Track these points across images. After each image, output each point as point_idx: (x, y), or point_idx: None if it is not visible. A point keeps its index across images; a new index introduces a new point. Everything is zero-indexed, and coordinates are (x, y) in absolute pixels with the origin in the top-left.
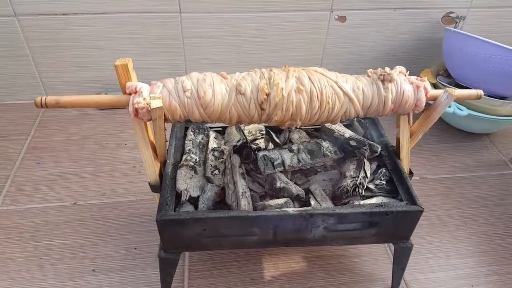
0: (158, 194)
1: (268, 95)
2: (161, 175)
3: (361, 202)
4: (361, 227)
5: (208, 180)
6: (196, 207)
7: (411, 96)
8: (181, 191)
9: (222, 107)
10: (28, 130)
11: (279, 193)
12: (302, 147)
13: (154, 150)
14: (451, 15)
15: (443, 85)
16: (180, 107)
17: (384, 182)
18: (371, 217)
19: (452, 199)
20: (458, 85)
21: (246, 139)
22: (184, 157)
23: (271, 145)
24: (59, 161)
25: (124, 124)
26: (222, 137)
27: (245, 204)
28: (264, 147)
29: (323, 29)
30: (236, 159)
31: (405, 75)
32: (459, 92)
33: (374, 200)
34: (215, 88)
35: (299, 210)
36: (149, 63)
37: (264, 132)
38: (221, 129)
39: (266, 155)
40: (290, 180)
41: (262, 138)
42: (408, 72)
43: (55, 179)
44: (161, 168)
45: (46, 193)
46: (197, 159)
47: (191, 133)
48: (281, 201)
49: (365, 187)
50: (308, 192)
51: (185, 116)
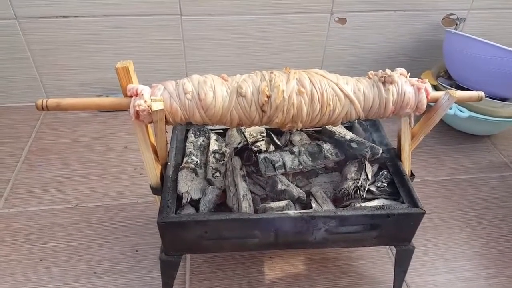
0: (159, 197)
1: (269, 97)
2: (162, 177)
3: (363, 205)
4: (362, 230)
5: (209, 182)
6: (197, 209)
7: (412, 98)
8: (182, 193)
9: (223, 109)
10: (29, 132)
11: (280, 195)
12: (303, 149)
13: (155, 152)
14: (451, 17)
15: (444, 86)
16: (181, 109)
17: (386, 184)
18: (372, 220)
19: (453, 201)
20: (459, 87)
21: (247, 141)
22: (185, 159)
23: (272, 147)
24: (60, 164)
25: (125, 126)
26: (223, 139)
27: (246, 206)
28: (265, 149)
29: (324, 31)
30: (237, 161)
31: (406, 77)
32: (460, 94)
33: (375, 203)
34: (216, 90)
35: (300, 213)
36: (150, 65)
37: (265, 134)
38: (222, 131)
39: (267, 157)
40: (291, 183)
41: (263, 140)
42: (409, 74)
43: (56, 181)
44: (162, 170)
45: (47, 195)
46: (198, 162)
47: (192, 135)
48: (282, 203)
49: (366, 189)
50: (309, 194)
51: (186, 118)
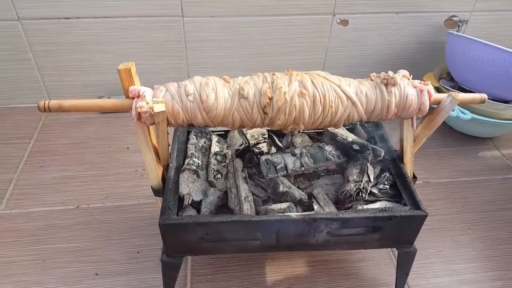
0: (161, 198)
1: (271, 99)
2: (163, 179)
3: (365, 207)
4: (364, 232)
5: (211, 184)
6: (198, 211)
7: (415, 100)
8: (183, 195)
9: (224, 111)
10: (31, 133)
11: (281, 197)
12: (305, 151)
13: (157, 154)
14: (453, 18)
15: (446, 88)
16: (183, 111)
17: (388, 187)
18: (374, 222)
19: (455, 203)
20: (461, 89)
21: (248, 143)
22: (187, 161)
23: (273, 149)
24: (62, 165)
25: (126, 127)
26: (225, 141)
27: (247, 208)
28: (267, 151)
29: (326, 33)
30: (238, 163)
31: (409, 79)
32: (463, 96)
33: (377, 205)
34: (218, 92)
35: (302, 215)
36: (152, 67)
37: (266, 136)
38: (223, 133)
39: (268, 159)
40: (293, 184)
41: (264, 142)
42: (411, 76)
43: (58, 182)
44: (163, 172)
45: (49, 196)
46: (200, 163)
47: (194, 137)
48: (283, 205)
49: (368, 191)
50: (311, 196)
51: (187, 120)
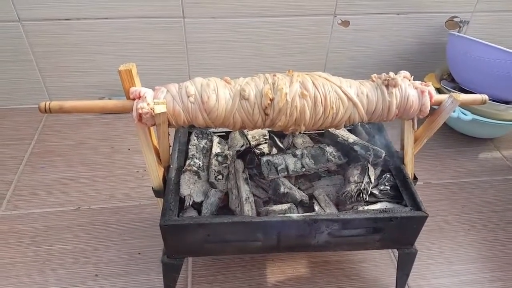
0: (162, 199)
1: (272, 100)
2: (164, 180)
3: (365, 208)
4: (365, 233)
5: (212, 185)
6: (199, 212)
7: (416, 101)
8: (184, 196)
9: (226, 112)
10: (32, 134)
11: (282, 198)
12: (305, 152)
13: (158, 155)
14: (454, 19)
15: (447, 89)
16: (184, 112)
17: (388, 188)
18: (375, 223)
19: (456, 204)
20: (462, 90)
21: (249, 144)
22: (188, 162)
23: (274, 150)
24: (62, 166)
25: (127, 128)
26: (226, 142)
27: (248, 209)
28: (268, 152)
29: (327, 33)
30: (239, 164)
31: (410, 80)
32: (464, 97)
33: (378, 206)
34: (219, 93)
35: (302, 216)
36: (153, 68)
37: (267, 137)
38: (224, 134)
39: (269, 160)
40: (294, 185)
41: (265, 143)
42: (413, 77)
43: (58, 183)
44: (164, 173)
45: (49, 197)
46: (201, 164)
47: (195, 138)
48: (284, 206)
49: (369, 192)
50: (312, 197)
51: (189, 121)
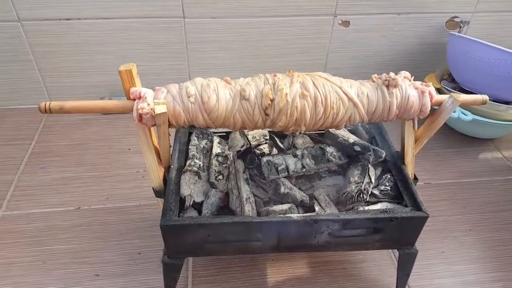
0: (162, 199)
1: (272, 100)
2: (165, 180)
3: (366, 208)
4: (365, 233)
5: (212, 185)
6: (200, 212)
7: (416, 101)
8: (185, 196)
9: (226, 112)
10: (32, 134)
11: (283, 198)
12: (306, 152)
13: (158, 155)
14: (455, 19)
15: (447, 90)
16: (184, 112)
17: (389, 188)
18: (375, 223)
19: (457, 204)
20: (463, 90)
21: (250, 144)
22: (188, 162)
23: (275, 151)
24: (62, 166)
25: (128, 129)
26: (226, 142)
27: (249, 209)
28: (268, 152)
29: (327, 34)
30: (240, 164)
31: (410, 80)
32: (464, 97)
33: (378, 206)
34: (219, 94)
35: (303, 216)
36: (153, 68)
37: (268, 137)
38: (225, 134)
39: (270, 160)
40: (294, 186)
41: (266, 143)
42: (413, 77)
43: (58, 183)
44: (165, 173)
45: (49, 198)
46: (201, 164)
47: (195, 138)
48: (285, 206)
49: (369, 192)
50: (312, 197)
51: (189, 121)
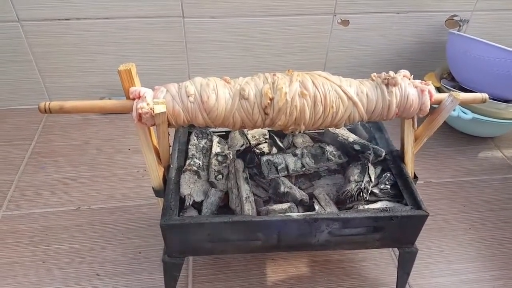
0: (162, 199)
1: (271, 99)
2: (164, 179)
3: (366, 207)
4: (365, 232)
5: (212, 184)
6: (199, 211)
7: (416, 100)
8: (184, 195)
9: (225, 111)
10: (32, 135)
11: (283, 197)
12: (306, 151)
13: (158, 155)
14: (454, 18)
15: (447, 88)
16: (184, 112)
17: (389, 187)
18: (375, 222)
19: (457, 203)
20: (462, 89)
21: (249, 143)
22: (188, 162)
23: (274, 150)
24: (63, 166)
25: (127, 128)
26: (226, 141)
27: (248, 208)
28: (268, 151)
29: (326, 33)
30: (239, 163)
31: (409, 79)
32: (464, 96)
33: (378, 205)
34: (219, 93)
35: (303, 215)
36: (152, 68)
37: (267, 137)
38: (224, 133)
39: (269, 159)
40: (294, 185)
41: (265, 142)
42: (412, 75)
43: (59, 183)
44: (164, 173)
45: (50, 197)
46: (201, 164)
47: (195, 137)
48: (285, 205)
49: (369, 191)
50: (312, 196)
51: (188, 121)
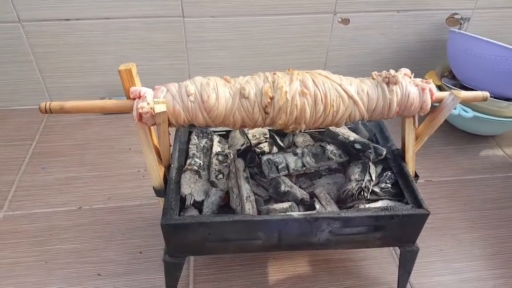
0: (163, 199)
1: (272, 98)
2: (165, 179)
3: (367, 206)
4: (366, 231)
5: (212, 184)
6: (200, 211)
7: (416, 98)
8: (185, 195)
9: (226, 111)
10: (33, 135)
11: (283, 197)
12: (306, 150)
13: (158, 154)
14: (455, 16)
15: (448, 87)
16: (184, 111)
17: (390, 185)
18: (376, 221)
19: (458, 201)
20: (463, 87)
21: (250, 143)
22: (188, 161)
23: (275, 149)
24: (64, 166)
25: (128, 128)
26: (226, 141)
27: (249, 208)
28: (268, 150)
29: (327, 31)
30: (240, 163)
31: (410, 77)
32: (465, 94)
33: (379, 204)
34: (219, 92)
35: (303, 214)
36: (152, 67)
37: (268, 136)
38: (224, 133)
39: (270, 159)
40: (295, 184)
41: (266, 141)
42: (413, 74)
43: (60, 184)
44: (165, 172)
45: (51, 198)
46: (201, 163)
47: (195, 137)
48: (285, 205)
49: (370, 190)
50: (312, 195)
51: (189, 120)
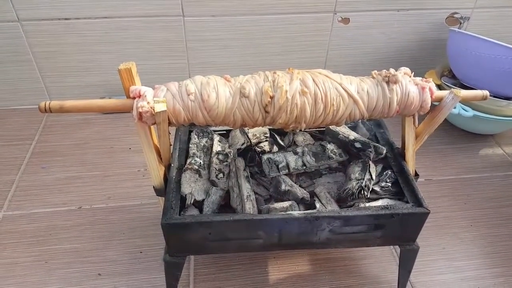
0: (163, 198)
1: (272, 97)
2: (165, 178)
3: (367, 205)
4: (366, 230)
5: (213, 183)
6: (201, 210)
7: (416, 97)
8: (185, 194)
9: (226, 110)
10: (33, 135)
11: (284, 196)
12: (306, 149)
13: (159, 154)
14: (455, 15)
15: (448, 86)
16: (184, 110)
17: (390, 184)
18: (377, 220)
19: (458, 200)
20: (463, 86)
21: (250, 142)
22: (189, 160)
23: (275, 148)
24: (64, 166)
25: (128, 128)
26: (226, 140)
27: (250, 207)
28: (269, 150)
29: (327, 31)
30: (240, 162)
31: (410, 76)
32: (464, 93)
33: (379, 203)
34: (219, 91)
35: (304, 213)
36: (152, 67)
37: (268, 135)
38: (225, 132)
39: (270, 158)
40: (295, 183)
41: (266, 141)
42: (413, 73)
43: (60, 183)
44: (165, 172)
45: (51, 197)
46: (202, 163)
47: (195, 136)
48: (286, 204)
49: (370, 189)
50: (313, 195)
51: (189, 119)
